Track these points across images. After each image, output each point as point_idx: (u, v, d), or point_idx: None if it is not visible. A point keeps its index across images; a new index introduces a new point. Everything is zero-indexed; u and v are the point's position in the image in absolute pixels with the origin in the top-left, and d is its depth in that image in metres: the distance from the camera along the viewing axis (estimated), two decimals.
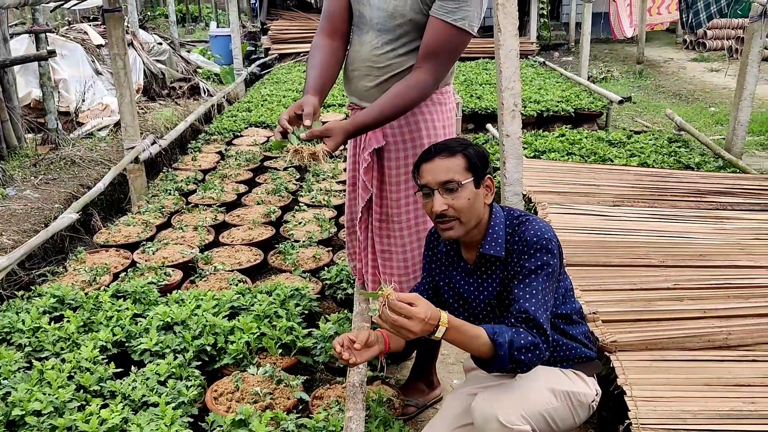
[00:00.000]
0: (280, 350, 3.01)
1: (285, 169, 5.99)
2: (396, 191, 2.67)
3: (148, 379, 2.74)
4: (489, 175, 2.14)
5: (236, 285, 3.67)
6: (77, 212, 4.41)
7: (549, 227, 2.12)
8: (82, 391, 2.67)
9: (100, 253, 4.25)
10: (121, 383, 2.70)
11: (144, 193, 5.56)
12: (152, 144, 6.04)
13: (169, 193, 5.35)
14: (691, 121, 7.75)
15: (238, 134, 7.48)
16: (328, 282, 3.69)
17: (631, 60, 13.79)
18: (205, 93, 10.19)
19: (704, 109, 9.58)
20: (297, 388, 2.73)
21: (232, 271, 3.92)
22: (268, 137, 7.29)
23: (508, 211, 2.21)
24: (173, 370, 2.79)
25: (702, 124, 8.49)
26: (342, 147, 2.45)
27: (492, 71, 11.03)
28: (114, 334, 3.05)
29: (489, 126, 7.12)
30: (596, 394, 2.26)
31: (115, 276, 3.91)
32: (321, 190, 5.30)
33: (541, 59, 12.64)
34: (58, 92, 7.57)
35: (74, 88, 7.80)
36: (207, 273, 3.88)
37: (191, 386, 2.70)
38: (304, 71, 11.64)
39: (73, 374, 2.77)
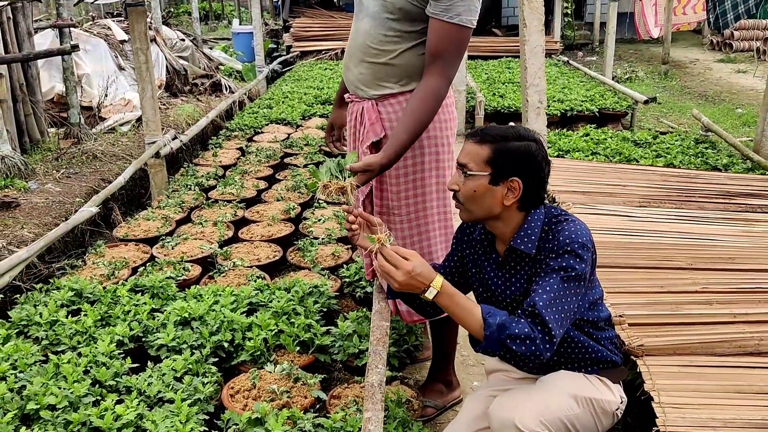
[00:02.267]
0: (298, 348, 2.96)
1: (305, 166, 5.95)
2: (396, 184, 2.61)
3: (164, 374, 2.71)
4: (518, 178, 2.03)
5: (255, 281, 3.64)
6: (97, 206, 4.40)
7: (586, 232, 2.03)
8: (97, 386, 2.64)
9: (119, 247, 4.24)
10: (137, 379, 2.67)
11: (164, 188, 5.55)
12: (173, 139, 6.03)
13: (189, 189, 5.34)
14: (717, 123, 7.61)
15: (259, 131, 7.46)
16: (347, 280, 3.64)
17: (657, 60, 13.62)
18: (226, 90, 10.21)
19: (731, 110, 9.42)
20: (314, 387, 2.69)
21: (251, 267, 3.89)
22: (289, 134, 7.26)
23: (550, 209, 2.13)
24: (190, 366, 2.75)
25: (729, 125, 8.34)
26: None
27: (515, 70, 10.93)
28: (131, 329, 3.03)
29: (511, 124, 7.03)
30: (621, 402, 2.18)
31: (134, 270, 3.89)
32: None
33: (565, 58, 12.52)
34: (81, 87, 7.59)
35: (97, 83, 7.84)
36: (226, 269, 3.85)
37: (207, 383, 2.67)
38: (326, 68, 11.67)
39: (89, 368, 2.74)
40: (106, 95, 7.74)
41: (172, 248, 4.10)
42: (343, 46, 12.74)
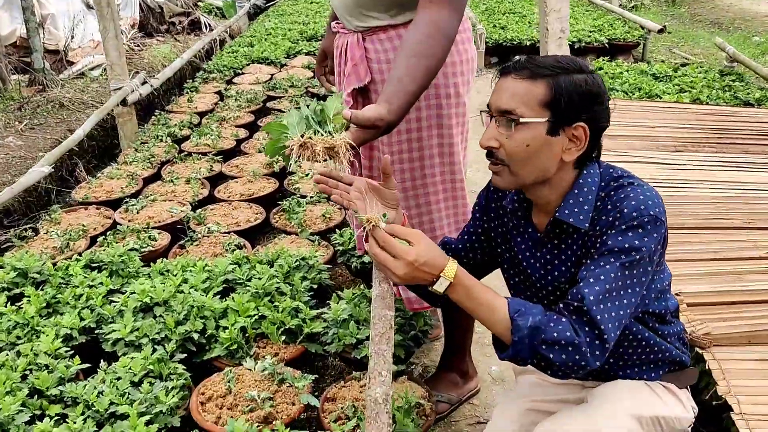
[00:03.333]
0: (284, 337, 2.46)
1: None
2: (387, 144, 2.06)
3: (119, 379, 2.21)
4: (583, 124, 1.49)
5: (232, 252, 3.12)
6: (51, 165, 3.83)
7: (658, 200, 1.49)
8: (36, 396, 2.15)
9: (78, 211, 3.69)
10: (86, 386, 2.17)
11: (135, 140, 4.98)
12: (142, 84, 5.41)
13: (161, 140, 4.75)
14: None
15: (240, 72, 6.82)
16: (340, 248, 3.11)
17: None
18: (206, 28, 9.52)
19: (747, 38, 8.80)
20: (304, 390, 2.19)
21: (229, 233, 3.36)
22: (272, 75, 6.63)
23: (606, 169, 1.59)
24: (151, 366, 2.25)
25: (748, 55, 7.72)
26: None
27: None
28: (82, 319, 2.52)
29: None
30: (693, 415, 1.70)
31: (93, 240, 3.36)
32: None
33: None
34: (45, 28, 6.92)
35: (63, 24, 7.16)
36: (199, 236, 3.32)
37: (172, 388, 2.17)
38: (312, 1, 10.91)
39: (28, 373, 2.24)
40: (72, 37, 7.12)
41: (138, 212, 3.55)
42: None
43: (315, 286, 2.78)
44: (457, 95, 2.03)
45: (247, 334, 2.46)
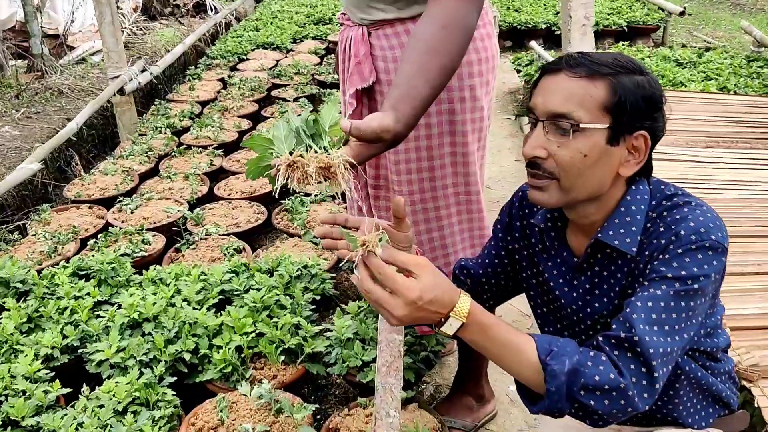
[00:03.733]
0: (283, 357, 2.26)
1: (295, 99, 5.12)
2: (394, 152, 1.83)
3: (102, 407, 2.01)
4: (644, 132, 1.28)
5: (231, 257, 2.92)
6: (41, 160, 3.63)
7: (720, 222, 1.27)
8: (10, 428, 1.95)
9: (69, 210, 3.49)
10: (64, 417, 1.97)
11: (134, 131, 4.77)
12: (142, 72, 5.19)
13: (159, 132, 4.53)
14: None
15: (244, 57, 6.58)
16: None
17: None
18: (211, 10, 9.26)
19: None
20: (303, 421, 1.99)
21: (228, 235, 3.15)
22: (278, 61, 6.38)
23: (657, 186, 1.37)
24: (137, 393, 2.05)
25: None
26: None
27: None
28: (65, 336, 2.32)
29: (532, 43, 6.13)
30: None
31: (83, 243, 3.16)
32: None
33: None
34: (44, 12, 6.71)
35: (62, 8, 6.94)
36: (196, 238, 3.12)
37: (160, 418, 1.97)
38: None
39: (3, 399, 2.05)
40: (72, 21, 6.90)
41: (132, 212, 3.35)
42: None
43: (318, 297, 2.57)
44: (473, 99, 1.80)
45: (243, 355, 2.26)
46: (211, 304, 2.50)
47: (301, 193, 3.49)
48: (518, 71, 5.69)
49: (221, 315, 2.39)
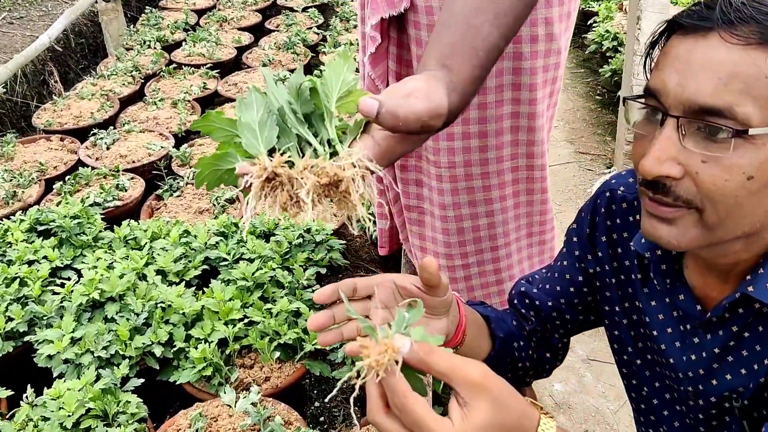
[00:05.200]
0: (278, 354, 1.82)
1: (304, 9, 4.50)
2: (433, 138, 1.36)
3: (47, 420, 1.59)
4: None
5: (221, 209, 2.45)
6: (2, 84, 3.11)
7: None
8: None
9: (37, 142, 3.00)
10: None
11: (122, 43, 4.21)
12: None
13: (148, 46, 3.97)
14: None
15: None
16: None
17: None
18: None
19: None
20: None
21: None
22: None
23: None
24: (91, 402, 1.62)
25: None
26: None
27: None
28: (10, 319, 1.88)
29: None
30: None
31: (49, 185, 2.68)
32: (351, 44, 3.86)
33: None
34: None
35: None
36: (181, 183, 2.63)
37: None
38: None
39: None
40: None
41: (108, 148, 2.84)
42: None
43: (323, 271, 2.11)
44: (548, 38, 1.26)
45: (228, 350, 1.81)
46: (194, 275, 2.05)
47: None
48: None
49: (203, 294, 1.94)
